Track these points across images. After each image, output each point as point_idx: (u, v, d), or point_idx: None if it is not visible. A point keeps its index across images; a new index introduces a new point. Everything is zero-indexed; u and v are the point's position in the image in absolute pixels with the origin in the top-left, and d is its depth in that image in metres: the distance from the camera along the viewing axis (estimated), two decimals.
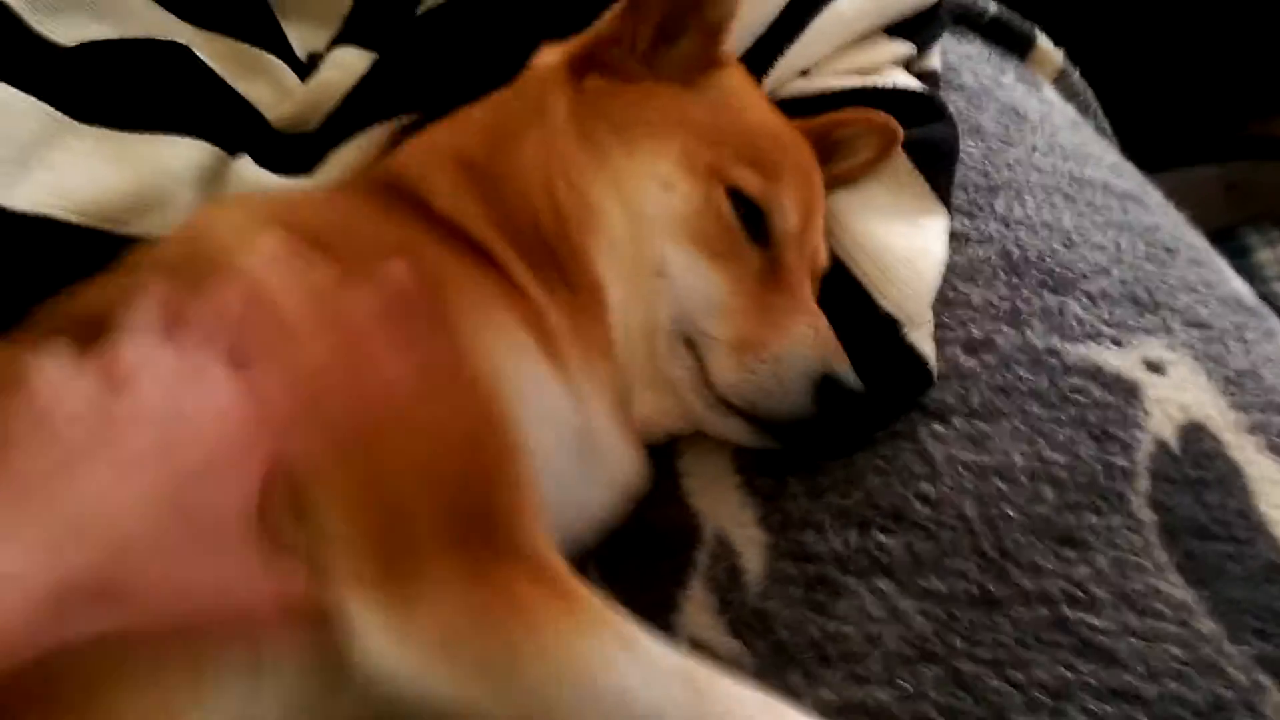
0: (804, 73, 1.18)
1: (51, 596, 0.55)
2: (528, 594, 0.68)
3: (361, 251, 0.80)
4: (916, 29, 1.25)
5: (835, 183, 1.08)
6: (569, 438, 0.84)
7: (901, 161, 1.09)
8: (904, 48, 1.23)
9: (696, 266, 0.92)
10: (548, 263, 0.90)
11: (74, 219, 0.98)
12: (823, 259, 1.02)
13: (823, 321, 0.93)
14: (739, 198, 0.94)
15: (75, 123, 1.03)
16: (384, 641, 0.66)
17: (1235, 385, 0.98)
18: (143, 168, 1.03)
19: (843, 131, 1.09)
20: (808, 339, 0.90)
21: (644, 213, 0.92)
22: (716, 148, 0.95)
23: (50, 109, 1.01)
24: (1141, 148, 1.46)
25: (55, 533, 0.57)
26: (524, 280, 0.87)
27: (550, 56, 1.04)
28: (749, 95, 1.03)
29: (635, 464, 0.91)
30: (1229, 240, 1.88)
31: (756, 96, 1.05)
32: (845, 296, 0.99)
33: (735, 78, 1.03)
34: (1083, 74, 1.51)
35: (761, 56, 1.13)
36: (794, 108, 1.10)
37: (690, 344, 0.92)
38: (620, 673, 0.66)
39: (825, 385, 0.88)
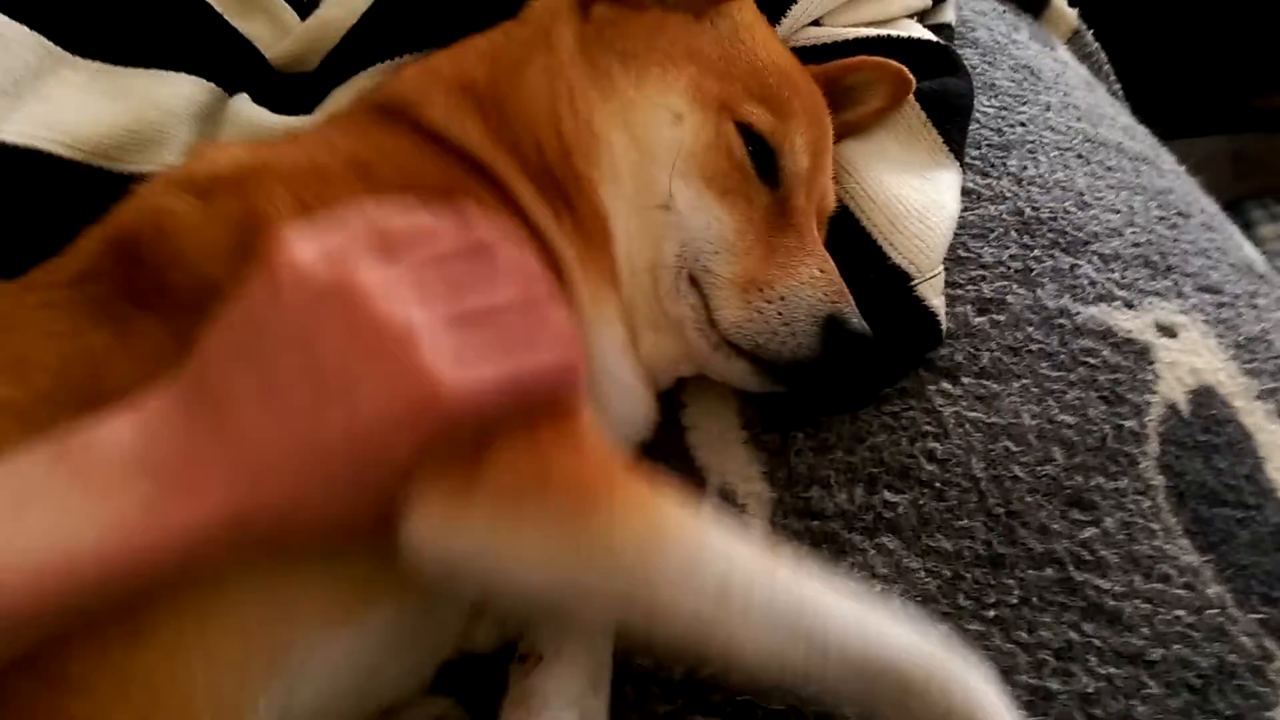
0: (816, 22, 1.15)
1: (224, 521, 0.61)
2: (591, 467, 0.68)
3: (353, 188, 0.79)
4: None
5: (845, 130, 1.06)
6: None
7: (914, 113, 1.07)
8: (918, 0, 1.21)
9: (703, 202, 0.89)
10: (552, 189, 0.87)
11: (65, 153, 0.96)
12: (830, 202, 1.00)
13: (830, 264, 0.91)
14: (749, 134, 0.91)
15: (71, 55, 1.00)
16: (441, 512, 0.66)
17: (1246, 351, 0.97)
18: (139, 103, 1.01)
19: (854, 77, 1.07)
20: (815, 280, 0.88)
21: (651, 145, 0.90)
22: (727, 82, 0.92)
23: (46, 40, 0.99)
24: (1149, 116, 1.45)
25: (252, 468, 0.62)
26: (528, 201, 0.85)
27: None
28: (761, 31, 1.00)
29: (645, 407, 0.89)
30: (1233, 214, 1.86)
31: (768, 33, 1.02)
32: (854, 247, 0.97)
33: (747, 12, 1.00)
34: None
35: (774, 4, 1.10)
36: (806, 56, 1.08)
37: (695, 282, 0.89)
38: (698, 532, 0.66)
39: (831, 327, 0.86)
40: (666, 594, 0.63)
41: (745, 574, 0.64)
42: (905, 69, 1.06)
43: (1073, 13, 1.47)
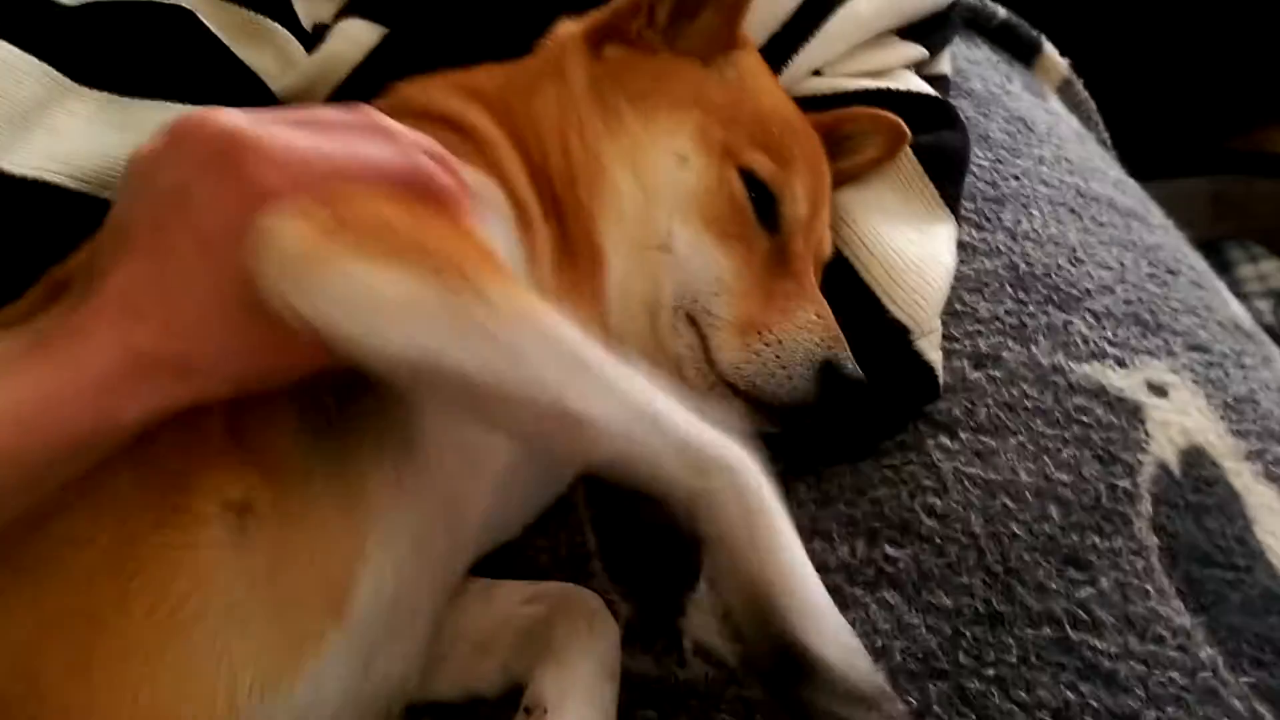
0: (817, 72, 1.17)
1: (120, 368, 0.61)
2: (466, 242, 0.68)
3: None
4: (928, 32, 1.25)
5: (841, 178, 1.08)
6: None
7: (911, 166, 1.09)
8: (916, 50, 1.23)
9: (703, 245, 0.91)
10: (548, 199, 0.89)
11: (71, 184, 0.95)
12: (827, 249, 1.02)
13: (826, 310, 0.92)
14: (751, 180, 0.93)
15: (78, 86, 1.00)
16: (305, 240, 0.63)
17: (1234, 411, 1.00)
18: (146, 135, 0.98)
19: (851, 127, 1.09)
20: (813, 325, 0.89)
21: (655, 185, 0.91)
22: (732, 128, 0.94)
23: (53, 71, 0.98)
24: (1125, 157, 1.48)
25: (124, 308, 0.62)
26: (520, 185, 0.86)
27: (569, 28, 1.03)
28: (765, 80, 1.02)
29: None
30: (1212, 254, 1.91)
31: (772, 82, 1.04)
32: (853, 298, 0.98)
33: (752, 60, 1.03)
34: None
35: (776, 54, 1.12)
36: (806, 106, 1.09)
37: (693, 321, 0.90)
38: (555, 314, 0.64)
39: (827, 371, 0.87)
40: (532, 364, 0.62)
41: (595, 356, 0.63)
42: (900, 121, 1.08)
43: (1063, 62, 1.50)
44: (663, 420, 0.63)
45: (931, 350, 0.96)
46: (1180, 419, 0.96)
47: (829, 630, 0.61)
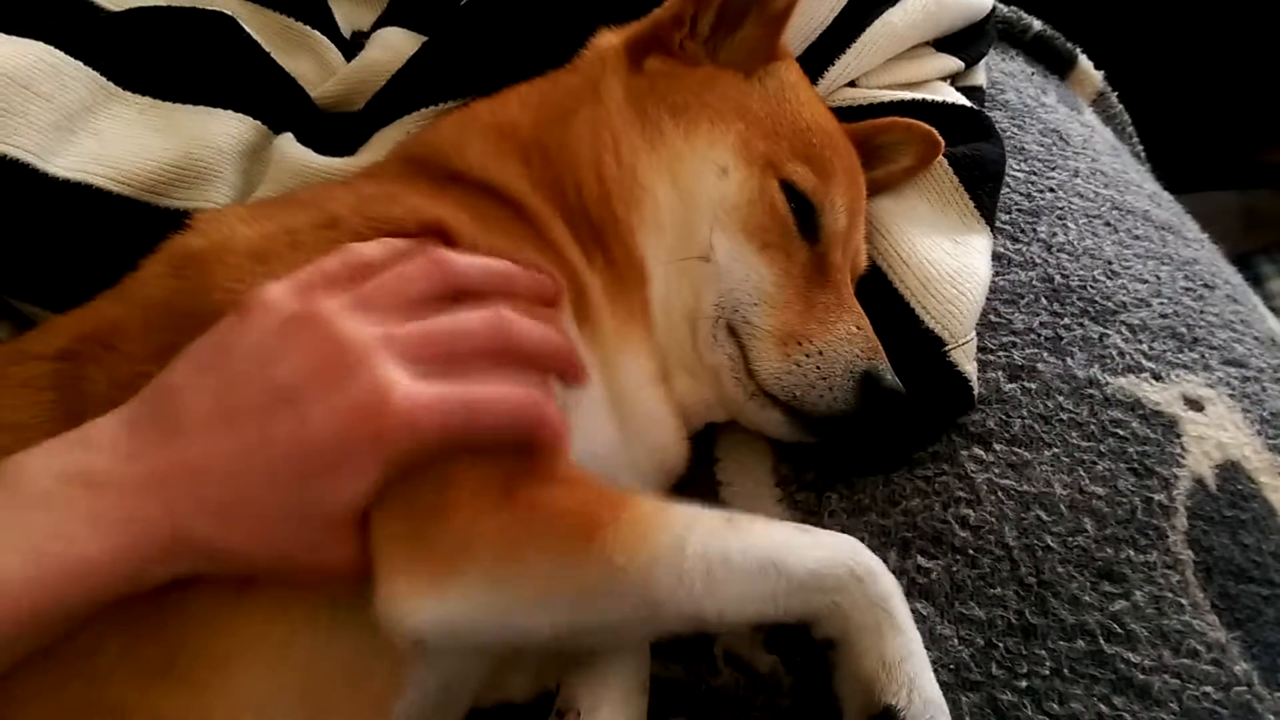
0: (853, 83, 1.17)
1: (161, 542, 0.62)
2: (570, 499, 0.69)
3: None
4: (964, 44, 1.25)
5: (874, 188, 1.08)
6: (597, 401, 0.83)
7: (947, 177, 1.09)
8: (951, 62, 1.23)
9: (744, 255, 0.91)
10: (586, 231, 0.89)
11: (115, 188, 0.97)
12: (863, 260, 1.02)
13: (865, 321, 0.93)
14: (791, 191, 0.93)
15: (121, 90, 1.02)
16: (423, 579, 0.65)
17: (1271, 426, 0.99)
18: (187, 140, 1.02)
19: (885, 137, 1.09)
20: (853, 336, 0.90)
21: (696, 196, 0.92)
22: (773, 140, 0.95)
23: (98, 75, 1.00)
24: (1159, 170, 1.47)
25: (187, 485, 0.63)
26: (559, 238, 0.87)
27: (609, 39, 1.03)
28: (805, 91, 1.03)
29: (674, 437, 0.91)
30: (1244, 268, 1.89)
31: (812, 93, 1.05)
32: (888, 309, 0.98)
33: (793, 73, 1.03)
34: None
35: (812, 65, 1.13)
36: (842, 116, 1.10)
37: (733, 331, 0.91)
38: (672, 527, 0.68)
39: (867, 383, 0.88)
40: (665, 595, 0.66)
41: (718, 545, 0.67)
42: (934, 131, 1.08)
43: (1098, 75, 1.49)
44: (786, 566, 0.69)
45: (966, 361, 0.95)
46: (1216, 434, 0.96)
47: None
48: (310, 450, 0.64)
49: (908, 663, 0.68)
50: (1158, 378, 0.98)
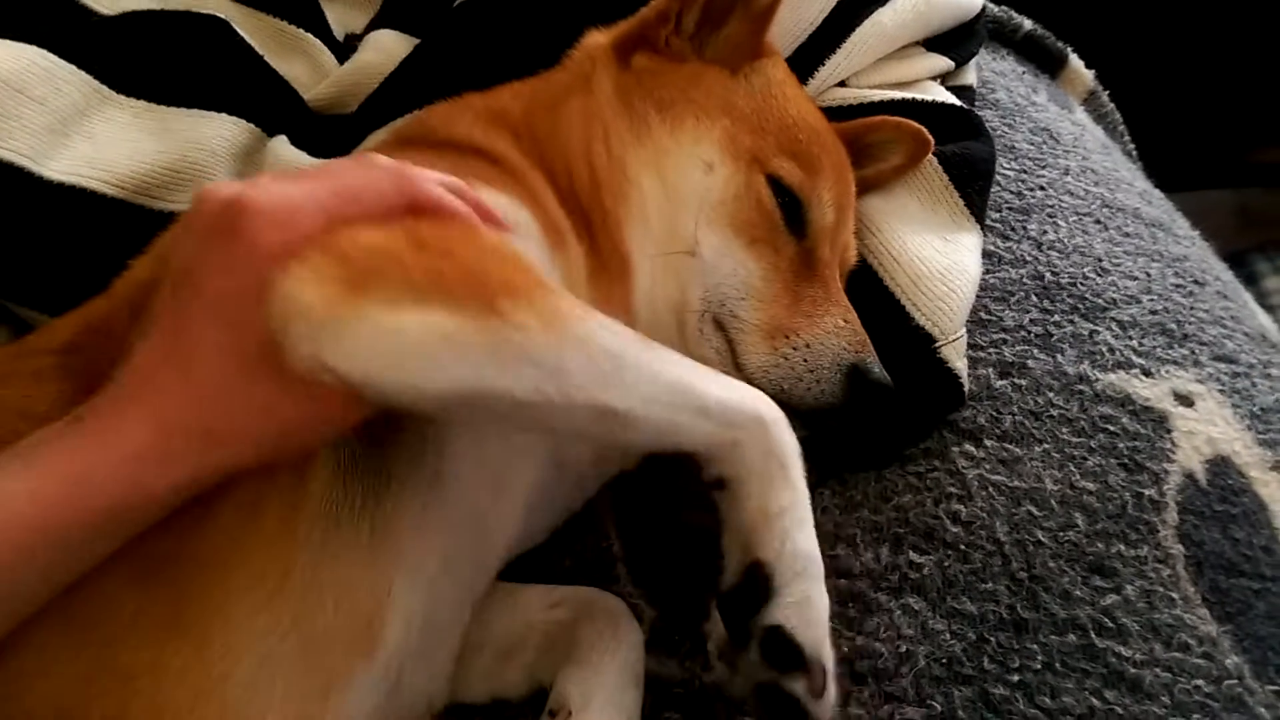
0: (843, 83, 1.18)
1: (151, 450, 0.62)
2: (487, 260, 0.68)
3: None
4: (954, 43, 1.26)
5: (864, 186, 1.09)
6: None
7: (937, 175, 1.09)
8: (942, 62, 1.24)
9: (730, 249, 0.92)
10: (575, 213, 0.90)
11: (110, 191, 0.98)
12: (852, 256, 1.03)
13: (853, 315, 0.93)
14: (778, 187, 0.94)
15: (116, 94, 1.02)
16: (328, 300, 0.63)
17: (1261, 421, 0.99)
18: (181, 143, 1.02)
19: (874, 136, 1.10)
20: (840, 330, 0.90)
21: (681, 191, 0.92)
22: (759, 135, 0.95)
23: (92, 79, 1.01)
24: (1154, 169, 1.47)
25: (148, 389, 0.63)
26: (546, 201, 0.87)
27: (597, 38, 1.04)
28: (791, 88, 1.03)
29: None
30: (1238, 266, 1.90)
31: (798, 90, 1.05)
32: (878, 305, 0.99)
33: (779, 70, 1.04)
34: None
35: (802, 65, 1.13)
36: (833, 116, 1.10)
37: (720, 326, 0.91)
38: (587, 318, 0.66)
39: (854, 376, 0.88)
40: (574, 370, 0.64)
41: (635, 349, 0.67)
42: (924, 129, 1.09)
43: (1089, 73, 1.50)
44: (696, 388, 0.67)
45: (956, 358, 0.96)
46: (1206, 429, 0.96)
47: (801, 585, 0.66)
48: (213, 298, 0.64)
49: (787, 515, 0.67)
50: (1148, 374, 0.99)
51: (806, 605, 0.65)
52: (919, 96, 1.16)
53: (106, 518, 0.62)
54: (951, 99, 1.18)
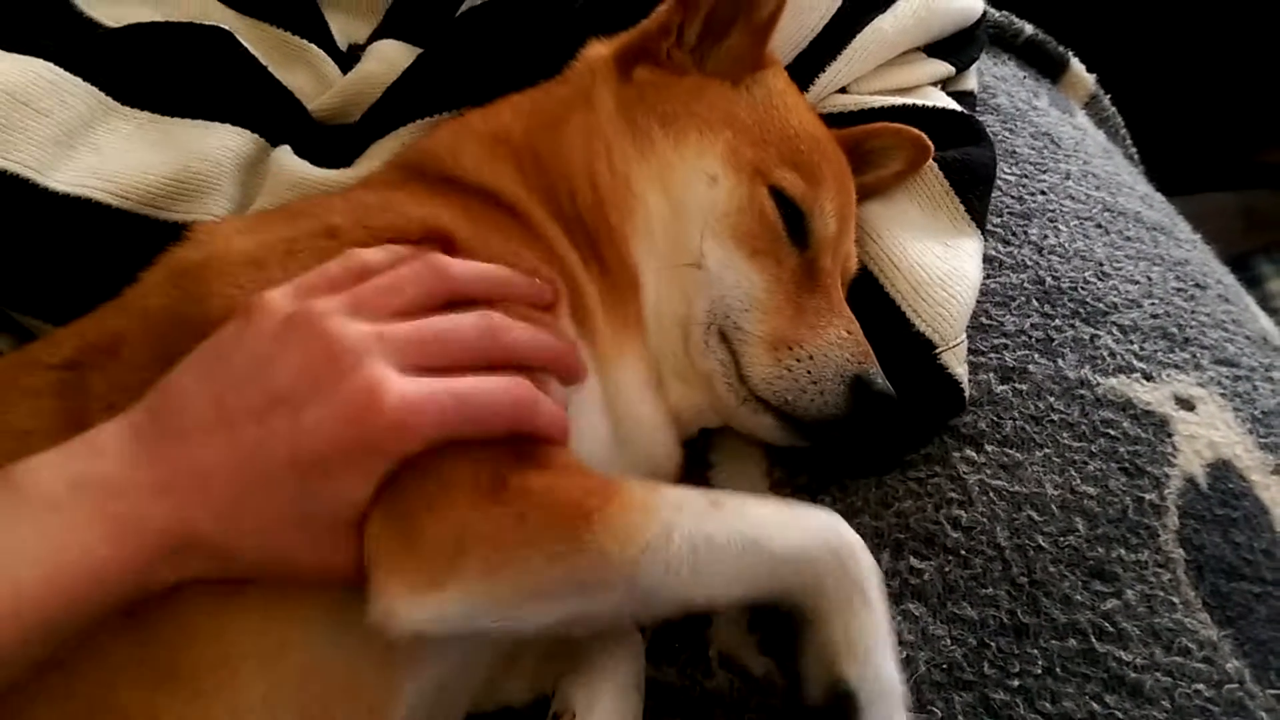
0: (843, 89, 1.18)
1: (169, 543, 0.63)
2: (561, 489, 0.69)
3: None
4: (955, 49, 1.26)
5: (864, 192, 1.09)
6: (592, 404, 0.84)
7: (937, 181, 1.09)
8: (942, 67, 1.24)
9: (735, 262, 0.92)
10: (581, 235, 0.90)
11: (114, 202, 0.98)
12: (853, 265, 1.03)
13: (856, 326, 0.94)
14: (780, 198, 0.94)
15: (120, 105, 1.03)
16: (407, 589, 0.65)
17: (1262, 425, 0.99)
18: (185, 154, 1.03)
19: (874, 142, 1.10)
20: (843, 341, 0.91)
21: (686, 204, 0.93)
22: (762, 147, 0.96)
23: (97, 90, 1.02)
24: (1154, 172, 1.47)
25: (192, 489, 0.64)
26: (556, 241, 0.88)
27: (599, 50, 1.05)
28: (793, 98, 1.04)
29: (668, 442, 0.91)
30: (1243, 268, 1.90)
31: (800, 100, 1.06)
32: (878, 312, 0.99)
33: (780, 80, 1.04)
34: None
35: (802, 72, 1.14)
36: (833, 122, 1.11)
37: (724, 338, 0.92)
38: (661, 513, 0.69)
39: (858, 387, 0.89)
40: (654, 583, 0.67)
41: (703, 530, 0.68)
42: (924, 135, 1.09)
43: (1090, 77, 1.50)
44: (769, 547, 0.70)
45: (956, 364, 0.96)
46: (1208, 433, 0.96)
47: (884, 708, 0.68)
48: (306, 452, 0.65)
49: (869, 636, 0.69)
50: (1149, 378, 0.99)
51: None
52: (919, 102, 1.16)
53: (106, 609, 0.63)
54: (952, 104, 1.18)
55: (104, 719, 0.66)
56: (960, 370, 0.96)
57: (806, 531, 0.71)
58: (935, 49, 1.24)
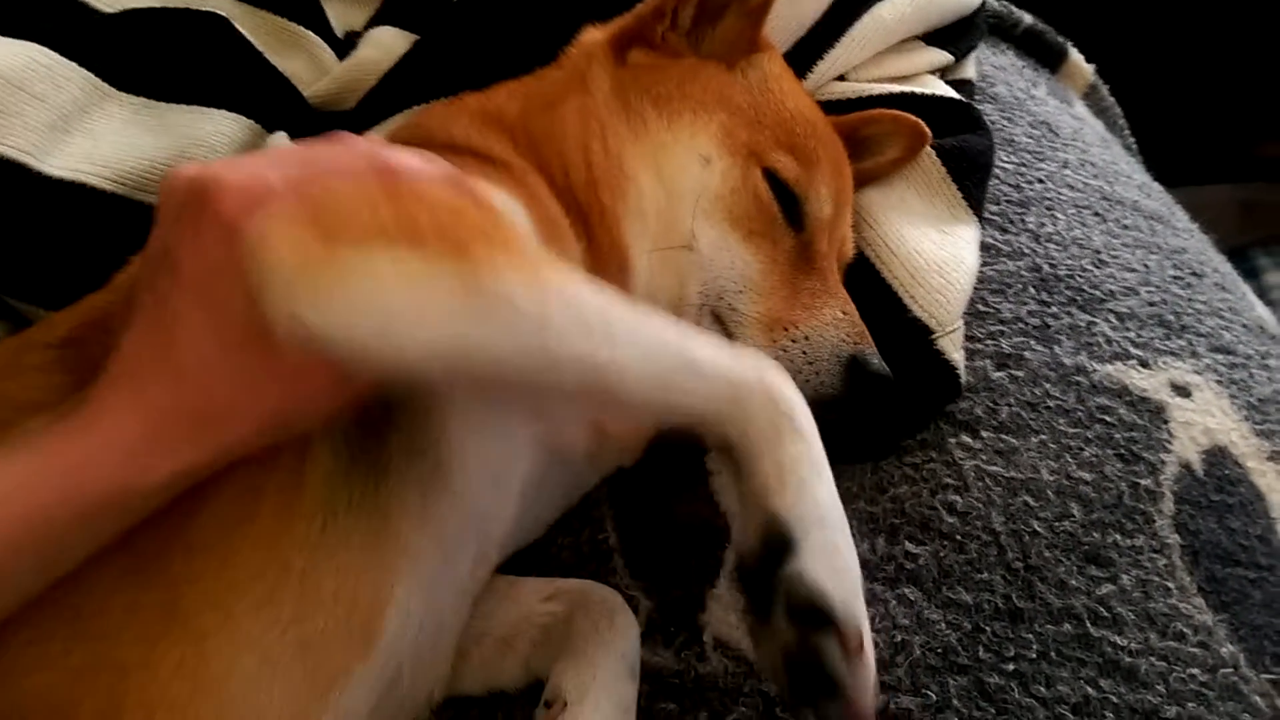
0: (842, 77, 1.18)
1: (149, 423, 0.62)
2: (467, 213, 0.66)
3: None
4: (954, 37, 1.26)
5: (861, 179, 1.09)
6: None
7: (935, 168, 1.09)
8: (941, 56, 1.24)
9: (728, 243, 0.92)
10: (574, 212, 0.90)
11: (109, 187, 0.98)
12: (849, 249, 1.03)
13: (851, 307, 0.93)
14: (775, 181, 0.94)
15: (116, 90, 1.03)
16: (302, 261, 0.60)
17: (1258, 412, 0.99)
18: (181, 139, 1.03)
19: (872, 129, 1.10)
20: (839, 321, 0.90)
21: (679, 186, 0.92)
22: (756, 130, 0.95)
23: (92, 75, 1.01)
24: (1152, 164, 1.47)
25: (167, 372, 0.63)
26: (549, 205, 0.87)
27: (594, 35, 1.05)
28: (788, 82, 1.03)
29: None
30: (1240, 261, 1.90)
31: (795, 84, 1.05)
32: (875, 298, 0.99)
33: (775, 64, 1.04)
34: None
35: (801, 59, 1.14)
36: (831, 110, 1.11)
37: (718, 319, 0.91)
38: (569, 276, 0.65)
39: (854, 367, 0.88)
40: (562, 328, 0.61)
41: (626, 311, 0.64)
42: (921, 122, 1.09)
43: (1089, 67, 1.50)
44: (691, 347, 0.65)
45: (953, 350, 0.96)
46: (1203, 419, 0.96)
47: (824, 533, 0.62)
48: (194, 284, 0.63)
49: (801, 465, 0.64)
50: (1145, 365, 0.99)
51: (832, 553, 0.61)
52: (917, 90, 1.16)
53: (99, 509, 0.62)
54: (950, 92, 1.18)
55: (103, 674, 0.65)
56: (957, 356, 0.96)
57: (735, 358, 0.66)
58: (934, 37, 1.24)
